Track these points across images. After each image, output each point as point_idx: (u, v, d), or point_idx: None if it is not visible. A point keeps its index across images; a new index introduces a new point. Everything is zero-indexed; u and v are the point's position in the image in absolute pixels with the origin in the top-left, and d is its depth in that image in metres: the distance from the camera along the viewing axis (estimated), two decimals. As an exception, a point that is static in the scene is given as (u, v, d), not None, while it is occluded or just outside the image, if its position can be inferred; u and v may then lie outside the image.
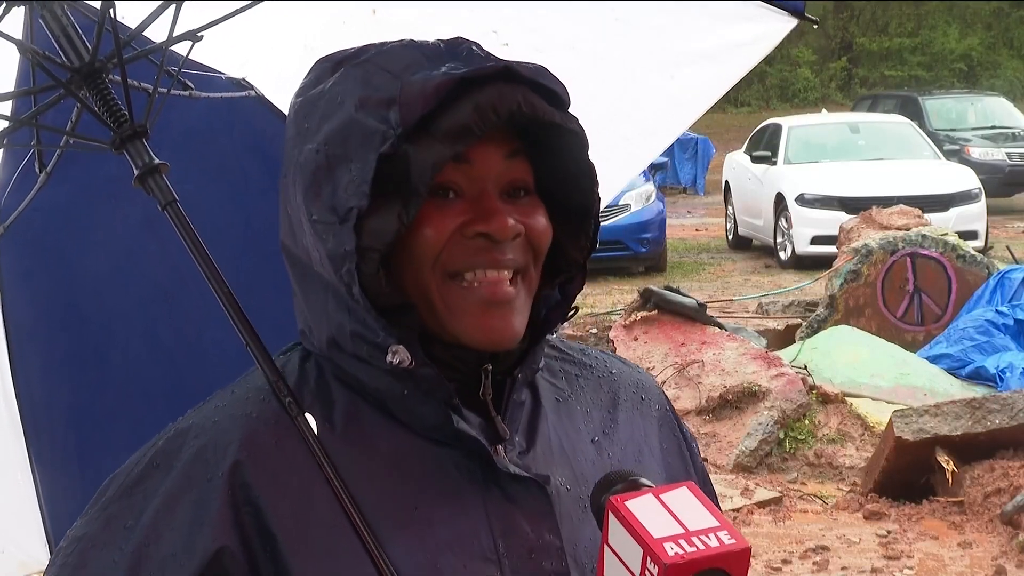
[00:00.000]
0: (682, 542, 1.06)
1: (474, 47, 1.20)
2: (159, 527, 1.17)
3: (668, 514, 1.09)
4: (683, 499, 1.11)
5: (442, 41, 1.20)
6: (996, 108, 22.69)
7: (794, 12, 2.33)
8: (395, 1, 2.09)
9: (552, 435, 1.28)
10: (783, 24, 2.35)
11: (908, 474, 6.50)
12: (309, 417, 1.20)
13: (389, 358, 1.16)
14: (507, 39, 1.20)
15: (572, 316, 1.30)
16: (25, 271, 2.32)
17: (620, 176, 2.50)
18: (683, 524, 1.08)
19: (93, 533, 1.21)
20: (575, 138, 1.21)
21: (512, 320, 1.19)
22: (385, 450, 1.20)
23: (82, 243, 2.32)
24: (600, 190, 1.27)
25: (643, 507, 1.10)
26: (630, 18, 2.30)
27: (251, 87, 2.26)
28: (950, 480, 6.35)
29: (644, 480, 1.15)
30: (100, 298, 2.37)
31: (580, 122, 1.21)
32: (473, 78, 1.14)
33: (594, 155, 1.23)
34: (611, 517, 1.10)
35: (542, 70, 1.19)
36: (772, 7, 2.31)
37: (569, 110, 1.21)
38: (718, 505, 1.18)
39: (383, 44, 1.22)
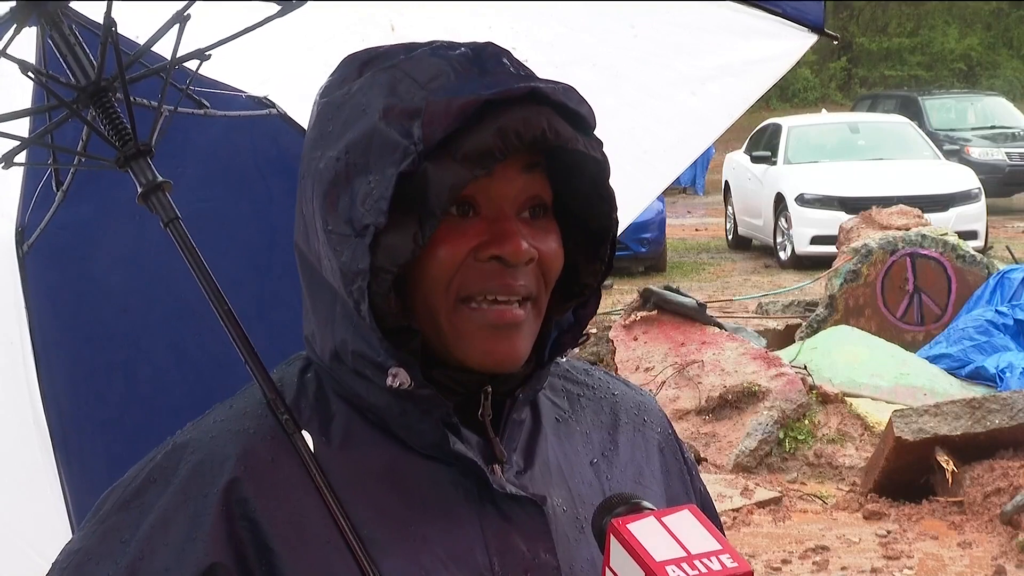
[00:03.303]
0: (684, 565, 1.07)
1: (504, 58, 1.18)
2: (154, 542, 1.16)
3: (670, 537, 1.09)
4: (685, 522, 1.11)
5: (471, 48, 1.18)
6: (996, 108, 22.68)
7: (814, 28, 2.33)
8: (412, 18, 2.10)
9: (551, 455, 1.28)
10: (803, 40, 2.34)
11: (908, 474, 6.50)
12: (306, 434, 1.20)
13: (389, 381, 1.16)
14: (526, 55, 1.20)
15: (583, 343, 1.29)
16: (51, 287, 2.33)
17: (644, 192, 2.48)
18: (685, 547, 1.08)
19: (89, 547, 1.21)
20: (597, 165, 1.20)
21: (517, 344, 1.18)
22: (382, 466, 1.20)
23: (106, 259, 2.33)
24: (625, 206, 1.26)
25: (645, 530, 1.10)
26: (650, 35, 2.29)
27: (273, 105, 2.26)
28: (950, 480, 6.36)
29: (646, 503, 1.15)
30: (126, 313, 2.38)
31: (604, 148, 1.20)
32: (498, 100, 1.12)
33: (617, 171, 1.23)
34: (613, 540, 1.10)
35: (569, 91, 1.17)
36: (792, 23, 2.31)
37: (594, 131, 1.19)
38: (721, 529, 1.18)
39: (411, 47, 1.20)
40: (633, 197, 2.33)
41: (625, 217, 2.36)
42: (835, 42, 2.43)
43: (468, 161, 1.12)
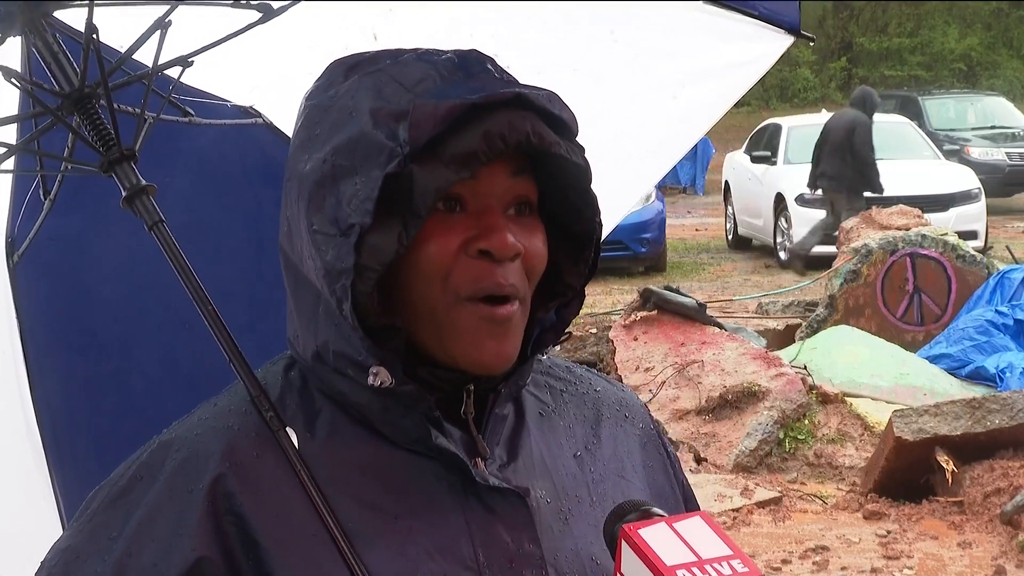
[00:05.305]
0: (695, 570, 1.07)
1: (489, 64, 1.21)
2: (141, 538, 1.18)
3: (681, 543, 1.10)
4: (696, 528, 1.12)
5: (456, 55, 1.21)
6: (996, 108, 22.69)
7: (790, 30, 2.36)
8: (396, 27, 2.11)
9: (534, 448, 1.29)
10: (780, 42, 2.38)
11: (908, 474, 6.50)
12: (290, 431, 1.22)
13: (370, 379, 1.18)
14: (508, 62, 1.21)
15: (565, 340, 1.31)
16: (43, 298, 2.34)
17: (628, 195, 2.51)
18: (696, 553, 1.09)
19: (77, 545, 1.22)
20: (579, 170, 1.22)
21: (506, 344, 1.20)
22: (366, 461, 1.21)
23: (97, 270, 2.33)
24: (608, 209, 1.28)
25: (656, 536, 1.11)
26: (630, 39, 2.32)
27: (259, 115, 2.27)
28: (950, 480, 6.36)
29: (657, 509, 1.16)
30: (118, 324, 2.39)
31: (585, 154, 1.22)
32: (484, 104, 1.14)
33: (600, 175, 1.24)
34: (624, 545, 1.11)
35: (553, 97, 1.19)
36: (768, 25, 2.34)
37: (577, 137, 1.22)
38: None
39: (398, 53, 1.22)
40: (616, 200, 2.36)
41: (609, 220, 2.37)
42: (811, 43, 2.47)
43: (454, 163, 1.14)
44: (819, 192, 14.02)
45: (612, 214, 2.36)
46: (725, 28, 2.33)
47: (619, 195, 2.38)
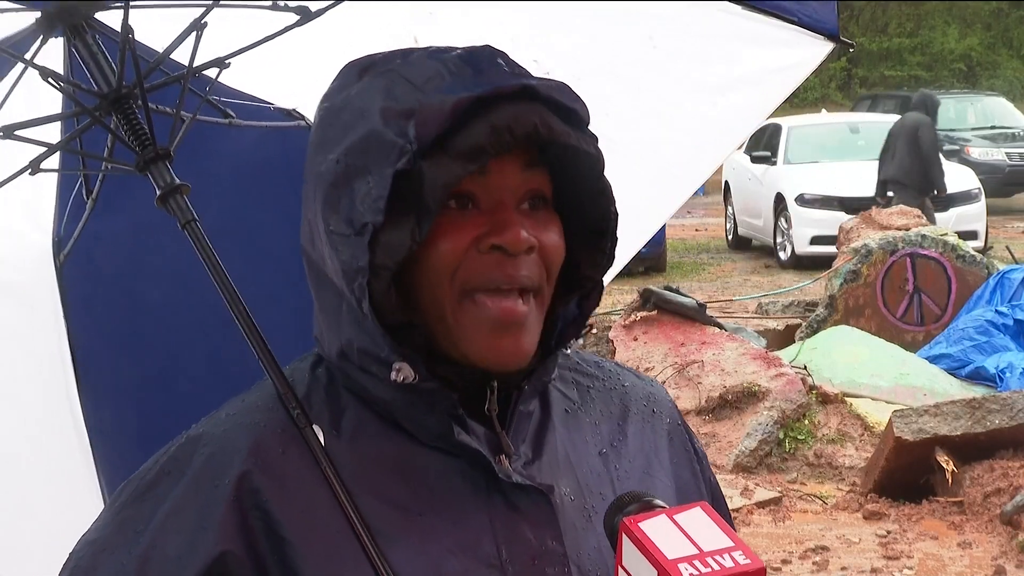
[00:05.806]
0: (696, 563, 1.07)
1: (499, 59, 1.21)
2: (166, 531, 1.19)
3: (682, 535, 1.10)
4: (697, 519, 1.12)
5: (466, 51, 1.21)
6: (996, 108, 22.68)
7: (830, 36, 2.34)
8: (435, 30, 2.11)
9: (559, 446, 1.29)
10: (820, 48, 2.36)
11: (908, 474, 6.51)
12: (316, 428, 1.23)
13: (393, 375, 1.19)
14: (548, 68, 1.22)
15: (586, 333, 1.31)
16: (88, 299, 2.34)
17: (668, 201, 2.48)
18: (697, 545, 1.09)
19: (105, 537, 1.24)
20: (591, 159, 1.22)
21: (522, 342, 1.20)
22: (391, 458, 1.22)
23: (142, 270, 2.34)
24: (649, 215, 1.27)
25: (657, 528, 1.10)
26: (668, 45, 2.31)
27: (301, 117, 2.26)
28: (950, 480, 6.37)
29: (658, 501, 1.16)
30: (162, 324, 2.39)
31: (598, 142, 1.22)
32: (490, 97, 1.15)
33: (641, 181, 1.23)
34: (625, 538, 1.11)
35: (562, 88, 1.19)
36: (808, 32, 2.32)
37: (589, 127, 1.22)
38: (730, 520, 1.19)
39: (408, 52, 1.23)
40: (657, 206, 2.35)
41: (650, 226, 2.36)
42: (851, 49, 2.45)
43: (462, 158, 1.14)
44: (886, 199, 13.89)
45: (652, 222, 2.36)
46: (764, 34, 2.31)
47: (659, 201, 2.35)
